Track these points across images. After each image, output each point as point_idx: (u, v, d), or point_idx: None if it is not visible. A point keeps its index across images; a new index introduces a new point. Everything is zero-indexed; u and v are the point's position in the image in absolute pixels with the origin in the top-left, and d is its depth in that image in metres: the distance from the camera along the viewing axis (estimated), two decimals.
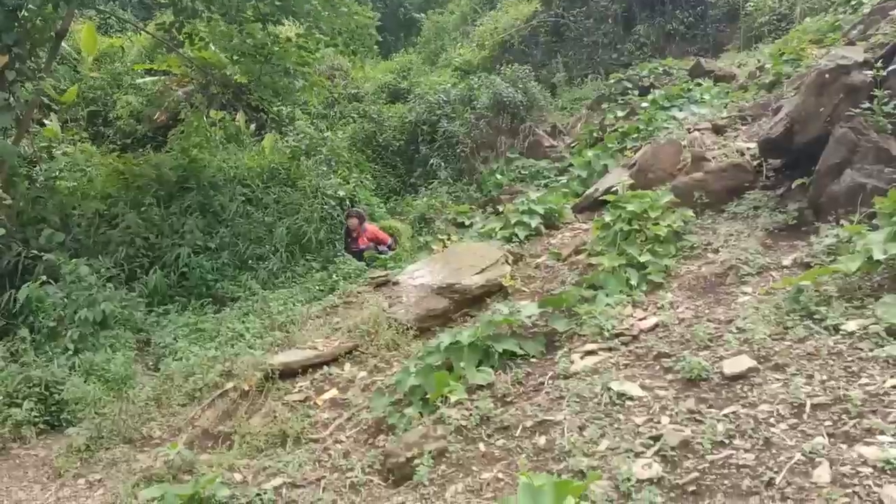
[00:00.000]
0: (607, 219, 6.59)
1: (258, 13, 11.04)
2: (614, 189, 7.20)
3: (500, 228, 8.59)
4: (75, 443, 6.45)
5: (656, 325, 5.02)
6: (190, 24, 11.85)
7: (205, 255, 10.91)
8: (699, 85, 11.71)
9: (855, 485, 3.04)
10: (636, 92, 13.14)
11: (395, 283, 7.75)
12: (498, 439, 4.36)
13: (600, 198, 7.96)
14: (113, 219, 11.10)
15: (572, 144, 12.95)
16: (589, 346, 5.04)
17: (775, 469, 3.29)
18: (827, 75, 6.04)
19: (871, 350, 3.88)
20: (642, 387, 4.30)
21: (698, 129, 8.21)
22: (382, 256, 10.11)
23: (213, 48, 12.77)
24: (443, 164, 13.64)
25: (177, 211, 11.54)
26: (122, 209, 11.20)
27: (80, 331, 8.28)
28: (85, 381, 7.31)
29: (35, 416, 7.16)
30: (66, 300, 8.61)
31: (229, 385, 6.49)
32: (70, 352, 8.03)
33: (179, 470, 5.42)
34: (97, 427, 6.50)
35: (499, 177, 12.69)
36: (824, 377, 3.80)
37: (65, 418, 7.12)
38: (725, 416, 3.75)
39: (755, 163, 6.87)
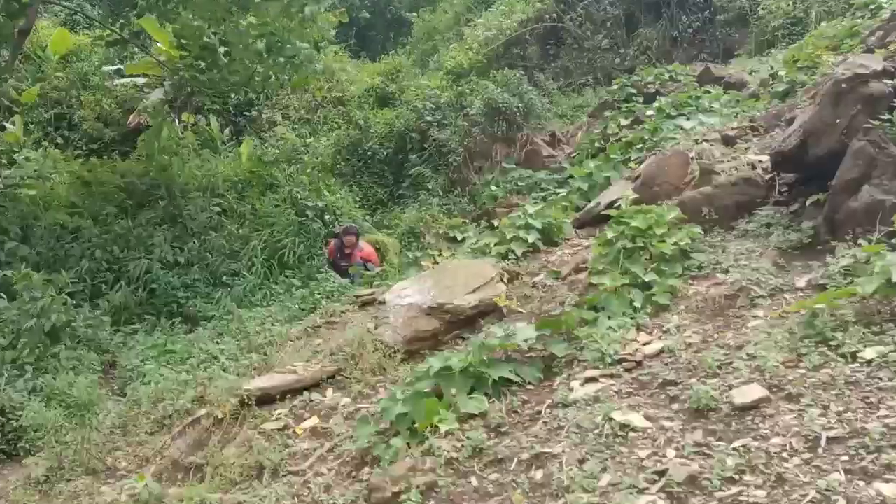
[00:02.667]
0: (610, 235, 6.61)
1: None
2: (617, 203, 7.23)
3: (495, 244, 8.60)
4: (34, 473, 6.40)
5: (661, 351, 5.03)
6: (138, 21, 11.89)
7: (175, 271, 10.90)
8: (708, 92, 11.79)
9: None
10: (641, 99, 13.21)
11: (382, 303, 7.74)
12: (491, 473, 4.36)
13: (602, 212, 8.00)
14: (76, 230, 11.08)
15: (573, 154, 13.02)
16: (589, 373, 5.06)
17: None
18: (844, 84, 6.10)
19: (891, 379, 3.91)
20: (646, 417, 4.31)
21: (707, 140, 8.27)
22: (368, 273, 10.11)
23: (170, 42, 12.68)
24: (433, 174, 13.68)
25: (144, 222, 11.53)
26: (86, 220, 11.18)
27: (27, 343, 8.23)
28: (45, 407, 7.27)
29: None
30: (19, 316, 8.57)
31: (201, 412, 6.46)
32: (28, 374, 7.99)
33: None
34: (58, 456, 6.46)
35: (493, 188, 12.73)
36: (841, 408, 3.82)
37: (23, 447, 7.08)
38: (735, 449, 3.76)
39: (767, 177, 6.92)
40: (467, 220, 12.17)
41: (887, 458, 3.37)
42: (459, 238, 11.27)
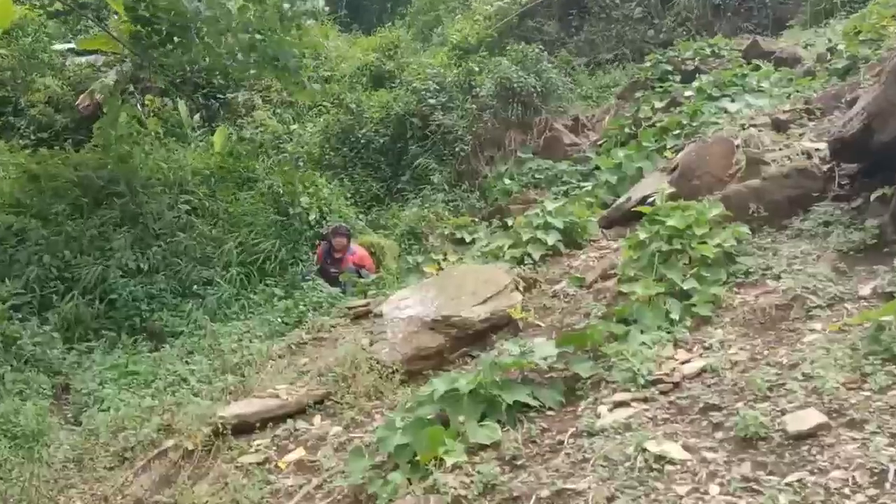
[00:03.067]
0: (642, 236, 6.63)
1: None
2: (651, 198, 7.25)
3: (509, 247, 8.63)
4: None
5: (703, 370, 5.04)
6: None
7: (137, 279, 10.93)
8: (756, 70, 11.83)
9: None
10: (678, 77, 13.27)
11: (378, 315, 7.76)
12: None
13: (633, 209, 8.01)
14: (22, 232, 11.12)
15: (599, 142, 13.07)
16: (619, 396, 5.06)
17: None
18: None
19: None
20: (685, 447, 4.31)
21: (755, 125, 8.29)
22: (362, 281, 10.14)
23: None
24: (437, 165, 13.71)
25: (101, 222, 11.56)
26: (34, 221, 11.22)
27: None
28: None
29: None
30: None
31: (169, 443, 6.49)
32: None
33: None
34: (2, 496, 6.47)
35: (507, 182, 12.76)
36: None
37: None
38: (789, 484, 3.77)
39: (825, 167, 6.93)
40: (477, 219, 12.20)
41: None
42: (468, 240, 11.30)
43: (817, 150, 7.22)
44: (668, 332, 5.66)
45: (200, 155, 13.99)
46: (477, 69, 14.68)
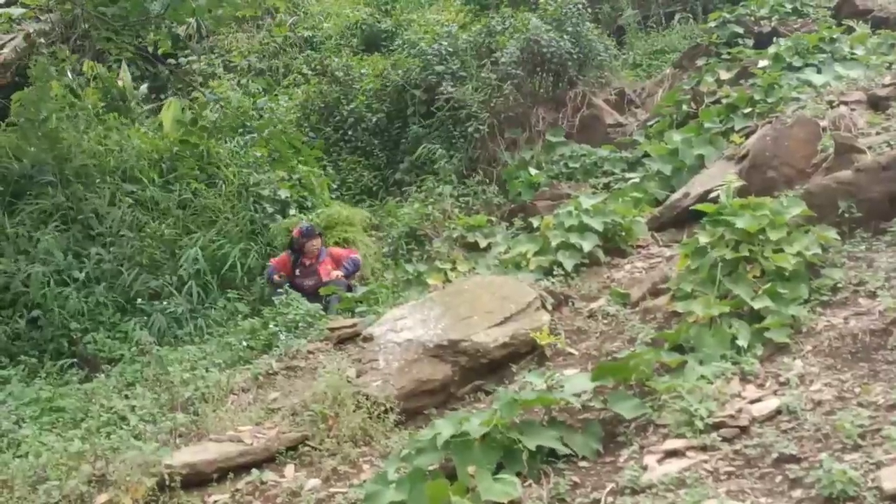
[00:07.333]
0: (702, 241, 6.63)
1: None
2: (714, 194, 7.24)
3: (535, 254, 8.64)
4: None
5: (777, 412, 5.03)
6: None
7: (70, 290, 10.92)
8: (849, 32, 11.80)
9: None
10: (750, 42, 13.25)
11: (368, 339, 7.78)
12: None
13: (692, 207, 8.02)
14: None
15: (650, 123, 13.04)
16: (671, 444, 5.06)
17: None
18: None
19: None
20: None
21: (846, 102, 8.29)
22: (349, 295, 10.14)
23: None
24: (445, 150, 13.69)
25: (22, 221, 11.57)
26: None
27: None
28: None
29: None
30: None
31: (103, 498, 6.48)
32: None
33: None
34: None
35: (533, 172, 12.75)
36: None
37: None
38: None
39: None
40: (494, 219, 12.18)
41: None
42: (482, 244, 11.28)
43: None
44: (734, 364, 5.66)
45: (148, 136, 13.98)
46: (498, 28, 14.63)
